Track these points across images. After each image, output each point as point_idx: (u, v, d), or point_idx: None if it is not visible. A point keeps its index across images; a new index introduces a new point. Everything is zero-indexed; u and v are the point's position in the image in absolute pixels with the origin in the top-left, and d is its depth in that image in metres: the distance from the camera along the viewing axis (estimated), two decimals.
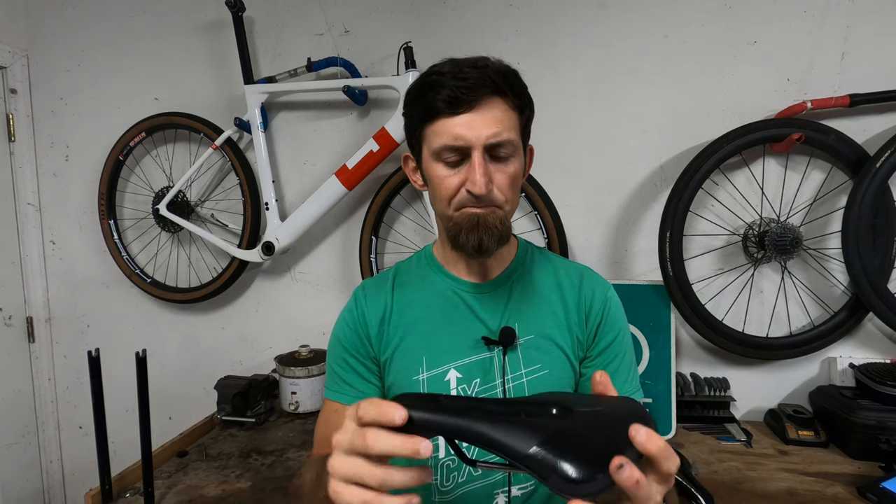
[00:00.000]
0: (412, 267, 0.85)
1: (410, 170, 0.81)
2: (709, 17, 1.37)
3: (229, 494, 1.08)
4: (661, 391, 1.31)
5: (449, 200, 0.71)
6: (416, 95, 0.71)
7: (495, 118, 0.67)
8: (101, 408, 1.06)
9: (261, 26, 1.64)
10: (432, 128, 0.69)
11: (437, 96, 0.67)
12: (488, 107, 0.67)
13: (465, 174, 0.69)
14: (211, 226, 1.70)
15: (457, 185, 0.70)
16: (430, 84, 0.68)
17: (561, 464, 0.38)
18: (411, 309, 0.80)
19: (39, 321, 1.85)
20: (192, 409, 1.60)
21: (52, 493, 1.90)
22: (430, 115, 0.69)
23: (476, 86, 0.66)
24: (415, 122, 0.72)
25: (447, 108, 0.67)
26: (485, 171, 0.67)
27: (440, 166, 0.70)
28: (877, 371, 1.22)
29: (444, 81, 0.66)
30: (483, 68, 0.67)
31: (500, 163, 0.70)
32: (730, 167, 1.38)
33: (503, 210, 0.72)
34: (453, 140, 0.67)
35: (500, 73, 0.68)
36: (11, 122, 1.78)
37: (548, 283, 0.81)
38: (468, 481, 0.77)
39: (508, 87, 0.68)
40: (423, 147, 0.72)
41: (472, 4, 1.50)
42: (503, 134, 0.67)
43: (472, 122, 0.67)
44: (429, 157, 0.72)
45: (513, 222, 1.49)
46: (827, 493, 1.02)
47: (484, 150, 0.67)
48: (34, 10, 1.80)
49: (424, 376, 0.76)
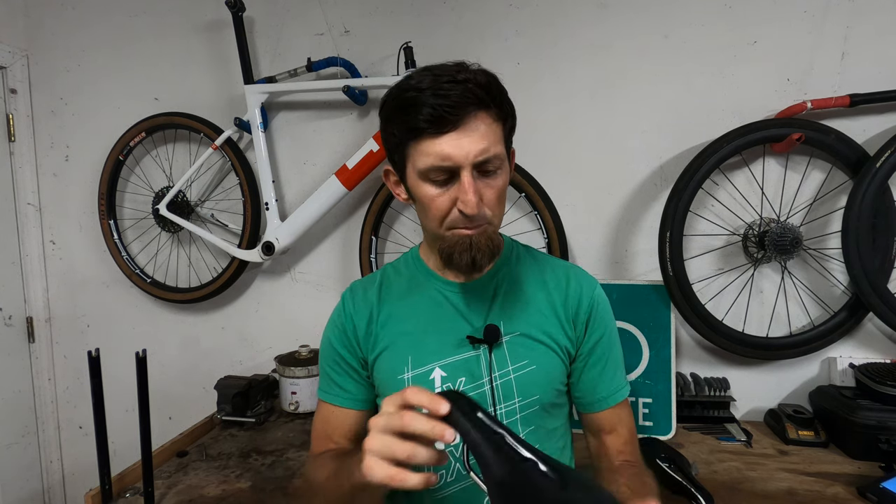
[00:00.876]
0: (400, 268, 0.86)
1: (392, 183, 0.78)
2: (709, 17, 1.37)
3: (229, 494, 1.08)
4: (661, 391, 1.31)
5: (441, 221, 0.71)
6: (395, 112, 0.68)
7: (481, 134, 0.66)
8: (101, 408, 1.06)
9: (261, 26, 1.64)
10: (417, 147, 0.67)
11: (418, 115, 0.64)
12: (473, 123, 0.65)
13: (455, 193, 0.68)
14: (211, 226, 1.70)
15: (448, 206, 0.69)
16: (409, 101, 0.65)
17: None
18: (398, 310, 0.81)
19: (39, 321, 1.85)
20: (192, 409, 1.60)
21: (52, 493, 1.90)
22: (413, 135, 0.67)
23: (459, 103, 0.64)
24: (396, 140, 0.70)
25: (431, 129, 0.64)
26: (475, 191, 0.66)
27: (428, 186, 0.69)
28: (877, 371, 1.22)
29: (425, 99, 0.64)
30: (464, 83, 0.64)
31: (488, 178, 0.69)
32: (730, 167, 1.38)
33: (493, 225, 0.73)
34: (441, 161, 0.65)
35: (481, 85, 0.65)
36: (11, 122, 1.78)
37: (533, 281, 0.82)
38: (457, 480, 0.77)
39: (491, 98, 0.67)
40: (408, 165, 0.70)
41: (472, 4, 1.50)
42: (491, 150, 0.66)
43: (458, 141, 0.65)
44: (415, 177, 0.70)
45: (513, 222, 1.51)
46: (827, 493, 1.02)
47: (472, 168, 0.66)
48: (34, 10, 1.80)
49: (409, 375, 0.77)
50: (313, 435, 0.84)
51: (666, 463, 1.04)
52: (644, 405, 1.31)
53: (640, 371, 1.33)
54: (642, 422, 1.30)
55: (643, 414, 1.31)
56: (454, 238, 0.71)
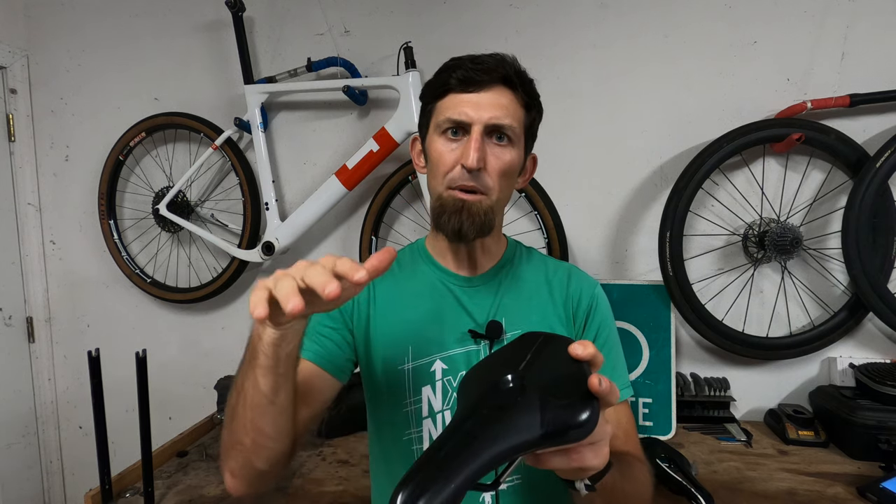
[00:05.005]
0: (405, 257, 0.86)
1: (416, 152, 0.83)
2: (709, 17, 1.37)
3: (229, 494, 1.08)
4: (661, 391, 1.31)
5: (444, 175, 0.73)
6: (434, 77, 0.75)
7: (501, 103, 0.71)
8: (101, 408, 1.06)
9: (261, 26, 1.64)
10: (442, 103, 0.73)
11: (452, 75, 0.71)
12: (497, 92, 0.71)
13: (462, 150, 0.71)
14: (211, 226, 1.70)
15: (453, 161, 0.72)
16: (448, 66, 0.73)
17: (568, 420, 0.42)
18: (400, 297, 0.80)
19: (39, 321, 1.85)
20: (192, 409, 1.60)
21: (52, 493, 1.90)
22: (442, 92, 0.73)
23: (489, 70, 0.70)
24: (427, 100, 0.76)
25: (458, 86, 0.71)
26: (479, 147, 0.69)
27: (441, 140, 0.73)
28: (877, 371, 1.22)
29: (462, 63, 0.71)
30: (500, 59, 0.72)
31: (498, 147, 0.72)
32: (730, 167, 1.38)
33: (490, 199, 0.73)
34: (457, 115, 0.71)
35: (515, 67, 0.72)
36: (11, 122, 1.78)
37: (537, 280, 0.83)
38: None
39: (520, 81, 0.73)
40: (431, 123, 0.76)
41: (472, 4, 1.50)
42: (505, 119, 0.71)
43: (478, 101, 0.70)
44: (433, 132, 0.75)
45: (513, 222, 1.51)
46: (827, 493, 1.02)
47: (483, 130, 0.70)
48: (34, 10, 1.80)
49: (410, 366, 0.77)
50: None
51: (666, 463, 1.04)
52: (644, 405, 1.31)
53: (640, 371, 1.33)
54: (642, 422, 1.30)
55: (643, 414, 1.31)
56: (449, 198, 0.73)
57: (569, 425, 0.42)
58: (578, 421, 0.42)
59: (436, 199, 0.75)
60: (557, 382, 0.45)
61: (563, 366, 0.46)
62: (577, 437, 0.42)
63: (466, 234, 0.73)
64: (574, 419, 0.42)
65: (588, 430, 0.42)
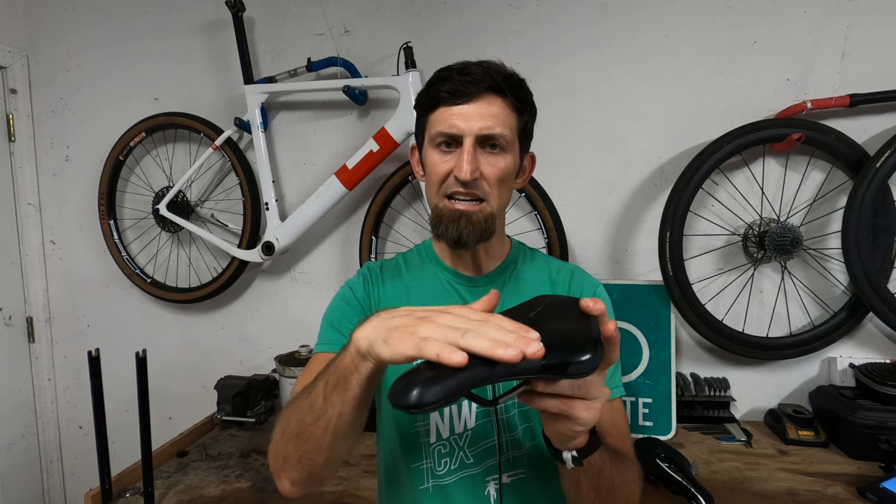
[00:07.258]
0: (413, 258, 0.89)
1: (415, 161, 0.85)
2: (709, 16, 1.37)
3: (229, 494, 1.08)
4: (661, 391, 1.31)
5: (438, 186, 0.75)
6: (425, 88, 0.76)
7: (491, 112, 0.71)
8: (101, 408, 1.06)
9: (261, 26, 1.64)
10: (433, 116, 0.74)
11: (441, 88, 0.72)
12: (486, 101, 0.72)
13: (455, 162, 0.72)
14: (211, 226, 1.70)
15: (446, 171, 0.73)
16: (438, 78, 0.74)
17: (570, 357, 0.44)
18: (408, 297, 0.83)
19: (39, 321, 1.85)
20: (192, 409, 1.60)
21: (52, 493, 1.90)
22: (433, 105, 0.74)
23: (477, 80, 0.71)
24: (420, 112, 0.78)
25: (448, 99, 0.72)
26: (472, 159, 0.71)
27: (435, 153, 0.75)
28: (877, 371, 1.22)
29: (450, 75, 0.72)
30: (487, 68, 0.72)
31: (492, 155, 0.73)
32: (730, 167, 1.38)
33: (489, 206, 0.75)
34: (448, 127, 0.72)
35: (502, 74, 0.72)
36: (11, 122, 1.78)
37: (541, 279, 0.85)
38: (460, 468, 0.78)
39: (509, 87, 0.72)
40: (425, 135, 0.77)
41: (472, 4, 1.50)
42: (496, 128, 0.71)
43: (468, 112, 0.71)
44: (427, 144, 0.76)
45: (513, 222, 1.51)
46: (827, 493, 1.02)
47: (475, 141, 0.71)
48: (34, 10, 1.80)
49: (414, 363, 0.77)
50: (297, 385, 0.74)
51: (666, 463, 1.04)
52: (644, 405, 1.31)
53: (640, 371, 1.33)
54: (642, 422, 1.30)
55: (643, 414, 1.31)
56: (446, 209, 0.75)
57: (569, 361, 0.44)
58: (580, 359, 0.44)
59: (434, 209, 0.77)
60: (565, 330, 0.47)
61: (571, 320, 0.48)
62: (576, 372, 0.44)
63: (467, 241, 0.74)
64: (576, 356, 0.44)
65: (587, 369, 0.44)
